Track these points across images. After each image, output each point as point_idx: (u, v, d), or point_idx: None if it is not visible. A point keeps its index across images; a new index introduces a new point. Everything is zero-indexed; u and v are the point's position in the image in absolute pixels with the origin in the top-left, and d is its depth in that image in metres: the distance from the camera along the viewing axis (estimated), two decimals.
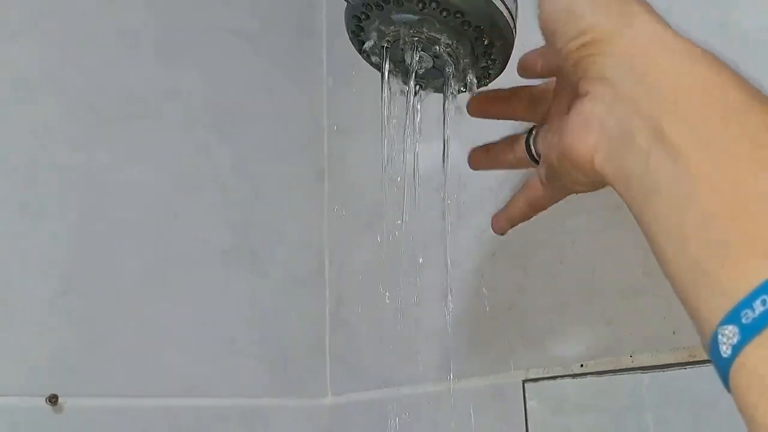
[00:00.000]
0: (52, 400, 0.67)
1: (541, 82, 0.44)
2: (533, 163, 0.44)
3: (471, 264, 0.67)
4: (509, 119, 0.46)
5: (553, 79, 0.43)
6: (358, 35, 0.41)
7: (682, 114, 0.27)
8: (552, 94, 0.42)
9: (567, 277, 0.59)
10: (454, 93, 0.44)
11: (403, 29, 0.39)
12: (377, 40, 0.41)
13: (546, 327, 0.60)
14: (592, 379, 0.55)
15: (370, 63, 0.43)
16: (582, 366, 0.56)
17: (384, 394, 0.74)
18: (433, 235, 0.68)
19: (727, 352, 0.24)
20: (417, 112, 0.44)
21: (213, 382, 0.78)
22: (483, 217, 0.66)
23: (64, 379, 0.69)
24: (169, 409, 0.74)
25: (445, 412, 0.68)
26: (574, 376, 0.57)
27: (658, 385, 0.51)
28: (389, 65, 0.42)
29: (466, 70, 0.42)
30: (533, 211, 0.44)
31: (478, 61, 0.41)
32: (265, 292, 0.84)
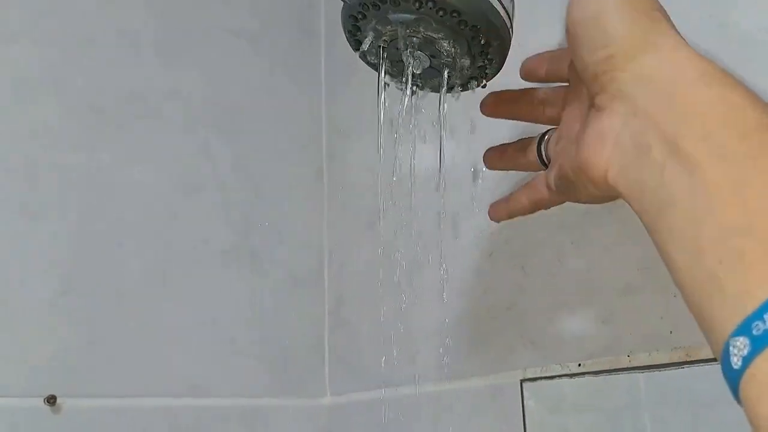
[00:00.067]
0: (51, 400, 0.67)
1: (546, 86, 0.44)
2: (543, 167, 0.44)
3: (470, 264, 0.67)
4: (517, 120, 0.47)
5: (562, 85, 0.43)
6: (355, 35, 0.41)
7: (699, 130, 0.28)
8: (562, 99, 0.42)
9: (565, 277, 0.59)
10: (451, 92, 0.44)
11: (400, 29, 0.39)
12: (374, 40, 0.41)
13: (544, 327, 0.60)
14: (589, 378, 0.55)
15: (367, 63, 0.43)
16: (580, 366, 0.56)
17: (383, 395, 0.74)
18: (431, 234, 0.68)
19: (738, 364, 0.24)
20: (414, 111, 0.45)
21: (212, 382, 0.78)
22: (482, 216, 0.66)
23: (63, 380, 0.69)
24: (168, 409, 0.74)
25: (444, 412, 0.68)
26: (571, 376, 0.57)
27: (655, 385, 0.51)
28: (387, 65, 0.42)
29: (463, 70, 0.42)
30: (534, 209, 0.44)
31: (475, 61, 0.41)
32: (265, 292, 0.84)
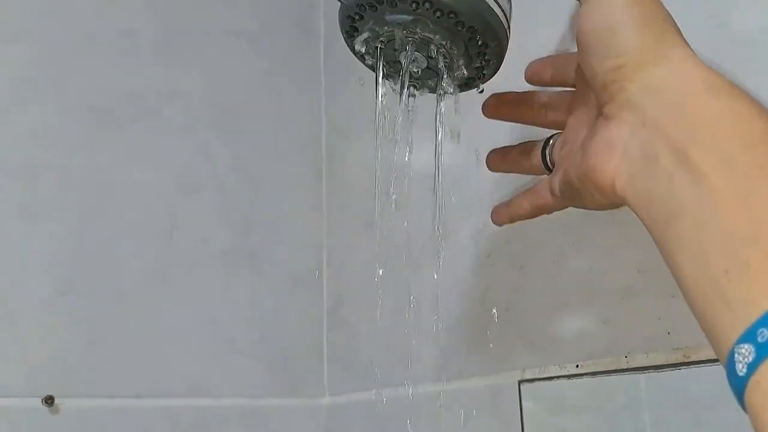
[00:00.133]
0: (49, 401, 0.66)
1: (550, 90, 0.44)
2: (547, 171, 0.44)
3: (468, 264, 0.67)
4: (518, 122, 0.47)
5: (567, 90, 0.43)
6: (353, 36, 0.41)
7: (708, 141, 0.28)
8: (567, 104, 0.42)
9: (564, 278, 0.59)
10: (448, 93, 0.44)
11: (397, 30, 0.39)
12: (371, 41, 0.41)
13: (543, 327, 0.60)
14: (587, 379, 0.55)
15: (365, 64, 0.43)
16: (578, 367, 0.56)
17: (381, 395, 0.74)
18: (430, 235, 0.68)
19: (743, 371, 0.24)
20: (412, 112, 0.45)
21: (212, 383, 0.78)
22: (480, 217, 0.66)
23: (62, 380, 0.69)
24: (167, 410, 0.74)
25: (442, 413, 0.68)
26: (569, 377, 0.57)
27: (654, 386, 0.51)
28: (384, 66, 0.42)
29: (460, 71, 0.42)
30: (536, 213, 0.44)
31: (472, 62, 0.41)
32: (264, 292, 0.84)
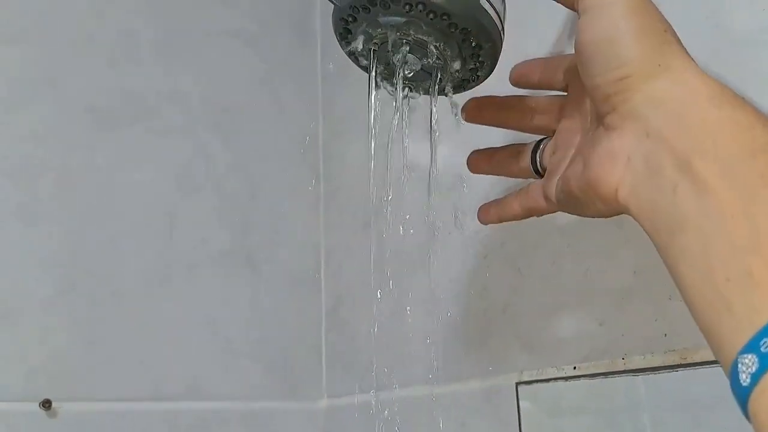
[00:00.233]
0: (46, 405, 0.66)
1: (535, 94, 0.44)
2: (536, 175, 0.43)
3: (465, 265, 0.67)
4: (501, 126, 0.46)
5: (555, 94, 0.43)
6: (346, 38, 0.41)
7: (711, 151, 0.28)
8: (557, 109, 0.42)
9: (561, 279, 0.59)
10: (443, 95, 0.43)
11: (390, 32, 0.39)
12: (365, 43, 0.41)
13: (540, 329, 0.60)
14: (585, 381, 0.55)
15: (359, 66, 0.43)
16: (575, 368, 0.56)
17: (379, 397, 0.74)
18: (427, 236, 0.68)
19: (747, 381, 0.24)
20: (407, 114, 0.44)
21: (210, 385, 0.78)
22: (477, 218, 0.66)
23: (59, 383, 0.69)
24: (165, 412, 0.74)
25: (439, 415, 0.68)
26: (567, 379, 0.56)
27: (652, 387, 0.51)
28: (378, 68, 0.42)
29: (455, 73, 0.42)
30: (526, 215, 0.44)
31: (465, 63, 0.41)
32: (263, 293, 0.84)
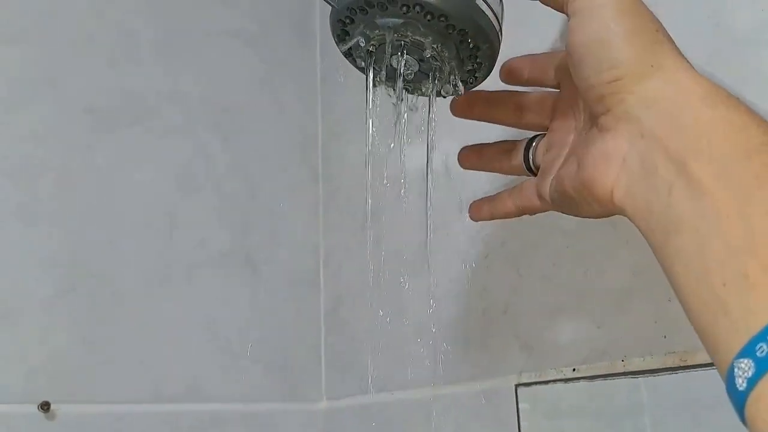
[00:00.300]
0: (45, 407, 0.66)
1: (526, 90, 0.44)
2: (528, 173, 0.43)
3: (465, 266, 0.67)
4: (492, 122, 0.46)
5: (546, 91, 0.43)
6: (344, 39, 0.41)
7: (706, 152, 0.28)
8: (550, 107, 0.42)
9: (560, 281, 0.59)
10: (441, 96, 0.43)
11: (388, 33, 0.39)
12: (363, 45, 0.40)
13: (539, 330, 0.60)
14: (584, 383, 0.55)
15: (356, 67, 0.43)
16: (574, 370, 0.56)
17: (378, 399, 0.74)
18: (426, 236, 0.68)
19: (743, 386, 0.24)
20: (405, 114, 0.44)
21: (209, 386, 0.77)
22: None
23: (58, 385, 0.68)
24: (165, 414, 0.74)
25: (439, 417, 0.68)
26: (566, 381, 0.56)
27: (651, 388, 0.51)
28: (376, 69, 0.42)
29: (453, 74, 0.41)
30: (519, 214, 0.44)
31: (463, 65, 0.41)
32: (262, 294, 0.83)
